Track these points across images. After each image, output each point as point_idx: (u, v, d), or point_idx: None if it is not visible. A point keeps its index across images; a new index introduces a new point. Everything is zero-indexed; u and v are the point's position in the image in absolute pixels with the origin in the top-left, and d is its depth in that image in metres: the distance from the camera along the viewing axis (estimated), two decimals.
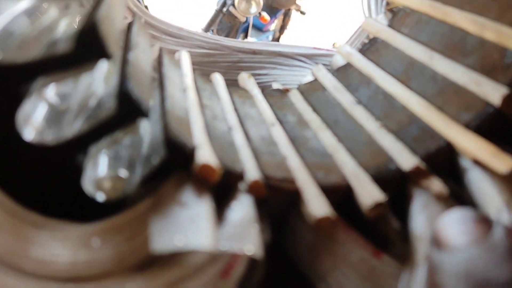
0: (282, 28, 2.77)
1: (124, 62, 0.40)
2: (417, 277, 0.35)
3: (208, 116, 0.48)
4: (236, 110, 0.54)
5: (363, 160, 0.46)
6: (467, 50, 0.49)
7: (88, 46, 0.32)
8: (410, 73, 0.54)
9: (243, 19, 2.38)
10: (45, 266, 0.28)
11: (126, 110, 0.34)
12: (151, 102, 0.39)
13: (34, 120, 0.33)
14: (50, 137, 0.33)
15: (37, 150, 0.33)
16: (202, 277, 0.31)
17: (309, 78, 0.69)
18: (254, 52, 0.85)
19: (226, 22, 2.44)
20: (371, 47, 0.64)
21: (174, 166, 0.37)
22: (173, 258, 0.31)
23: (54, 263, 0.28)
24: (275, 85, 0.71)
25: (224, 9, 2.36)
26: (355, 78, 0.61)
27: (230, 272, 0.33)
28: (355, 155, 0.47)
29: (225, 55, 0.83)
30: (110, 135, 0.35)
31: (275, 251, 0.44)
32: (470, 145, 0.41)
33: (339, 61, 0.69)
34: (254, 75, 0.80)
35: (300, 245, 0.40)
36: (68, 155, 0.34)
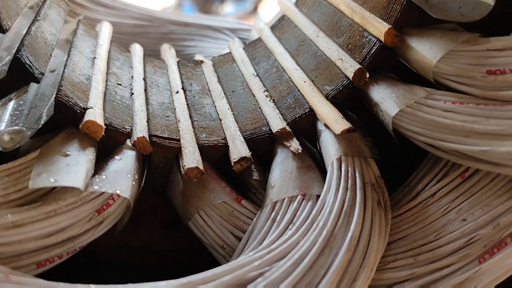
0: None
1: (26, 33, 0.46)
2: (261, 216, 0.43)
3: (111, 83, 0.54)
4: (145, 78, 0.61)
5: (244, 124, 0.54)
6: (340, 31, 0.56)
7: None
8: (300, 49, 0.61)
9: None
10: None
11: (17, 74, 0.41)
12: (46, 69, 0.45)
13: None
14: None
15: None
16: (76, 211, 0.38)
17: (227, 50, 0.76)
18: (186, 25, 0.91)
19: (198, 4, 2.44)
20: (278, 23, 0.71)
21: (63, 123, 0.44)
22: (51, 197, 0.39)
23: None
24: (198, 56, 0.77)
25: None
26: (260, 52, 0.68)
27: (104, 210, 0.40)
28: (239, 120, 0.54)
29: (157, 27, 0.88)
30: (5, 95, 0.41)
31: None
32: (324, 111, 0.49)
33: (254, 36, 0.76)
34: (183, 46, 0.86)
35: (175, 191, 0.48)
36: None
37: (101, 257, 0.50)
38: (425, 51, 0.45)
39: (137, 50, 0.68)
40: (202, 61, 0.71)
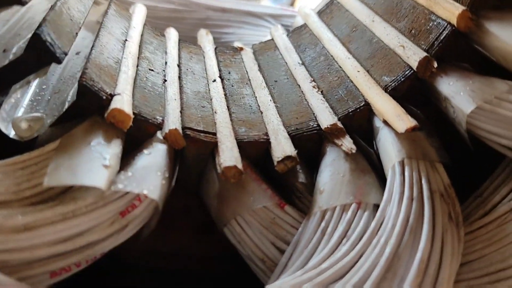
0: None
1: (50, 9, 0.41)
2: (308, 226, 0.37)
3: (143, 68, 0.49)
4: (179, 64, 0.55)
5: (288, 118, 0.48)
6: (401, 14, 0.49)
7: None
8: (352, 35, 0.55)
9: None
10: None
11: (36, 53, 0.36)
12: (70, 48, 0.40)
13: None
14: None
15: None
16: (97, 213, 0.33)
17: (269, 37, 0.70)
18: (224, 10, 0.85)
19: None
20: (326, 8, 0.64)
21: (87, 111, 0.39)
22: (69, 196, 0.34)
23: None
24: (236, 44, 0.71)
25: None
26: (306, 39, 0.62)
27: (129, 212, 0.35)
28: (282, 113, 0.48)
29: (193, 12, 0.83)
30: (23, 77, 0.37)
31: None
32: (383, 106, 0.43)
33: (299, 22, 0.70)
34: (220, 33, 0.80)
35: (210, 193, 0.42)
36: None
37: (126, 263, 0.45)
38: (508, 36, 0.37)
39: (172, 34, 0.62)
40: (241, 48, 0.65)
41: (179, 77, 0.52)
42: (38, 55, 0.36)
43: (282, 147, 0.42)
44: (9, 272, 0.30)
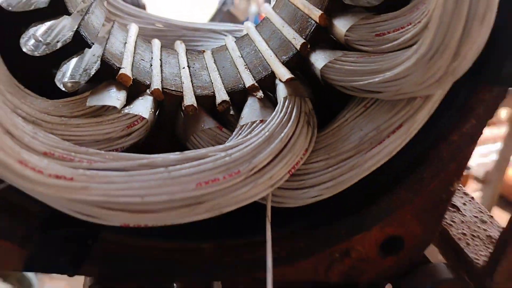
0: None
1: (81, 20, 0.71)
2: (233, 135, 0.66)
3: (137, 58, 0.79)
4: (160, 59, 0.85)
5: (227, 84, 0.77)
6: (296, 20, 0.80)
7: (56, 5, 0.63)
8: (272, 36, 0.85)
9: (242, 19, 2.65)
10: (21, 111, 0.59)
11: (78, 42, 0.65)
12: (96, 42, 0.70)
13: (28, 47, 0.64)
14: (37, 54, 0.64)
15: (31, 61, 0.64)
16: (115, 124, 0.62)
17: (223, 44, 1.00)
18: (196, 30, 1.16)
19: (226, 21, 2.73)
20: (261, 23, 0.95)
21: (106, 76, 0.68)
22: (99, 114, 0.63)
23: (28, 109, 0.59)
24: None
25: (225, 9, 2.64)
26: (246, 42, 0.92)
27: (132, 126, 0.64)
28: (224, 83, 0.78)
29: (173, 31, 1.13)
30: (70, 55, 0.66)
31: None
32: (280, 71, 0.72)
33: (244, 33, 1.01)
34: (192, 46, 1.11)
35: (179, 124, 0.71)
36: (45, 65, 0.65)
37: None
38: (340, 26, 0.68)
39: (156, 42, 0.92)
40: (204, 51, 0.95)
41: (161, 65, 0.82)
42: (78, 43, 0.66)
43: (221, 96, 0.72)
44: None
